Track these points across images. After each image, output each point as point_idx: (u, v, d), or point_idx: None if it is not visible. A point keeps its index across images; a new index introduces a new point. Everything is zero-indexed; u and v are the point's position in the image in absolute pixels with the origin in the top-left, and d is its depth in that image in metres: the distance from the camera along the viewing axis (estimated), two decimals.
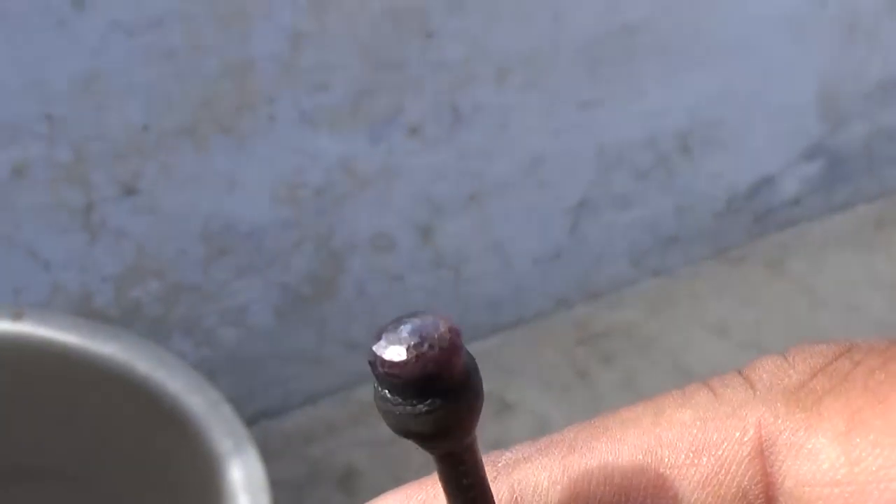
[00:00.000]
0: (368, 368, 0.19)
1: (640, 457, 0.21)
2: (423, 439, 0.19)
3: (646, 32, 0.76)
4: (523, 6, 0.71)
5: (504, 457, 0.22)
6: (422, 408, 0.19)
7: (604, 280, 0.85)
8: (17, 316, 0.56)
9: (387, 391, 0.19)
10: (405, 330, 0.19)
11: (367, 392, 0.77)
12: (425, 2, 0.69)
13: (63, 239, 0.67)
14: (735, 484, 0.21)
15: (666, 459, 0.21)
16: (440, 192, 0.75)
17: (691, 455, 0.21)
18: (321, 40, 0.67)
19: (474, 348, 0.79)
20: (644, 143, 0.80)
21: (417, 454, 0.21)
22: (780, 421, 0.21)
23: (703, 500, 0.21)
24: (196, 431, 0.53)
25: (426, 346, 0.18)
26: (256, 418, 0.76)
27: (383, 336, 0.19)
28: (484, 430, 0.22)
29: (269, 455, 0.61)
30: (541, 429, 0.75)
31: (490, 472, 0.22)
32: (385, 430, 0.21)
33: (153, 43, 0.64)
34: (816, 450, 0.20)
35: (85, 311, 0.69)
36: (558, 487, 0.21)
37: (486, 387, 0.20)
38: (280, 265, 0.73)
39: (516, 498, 0.21)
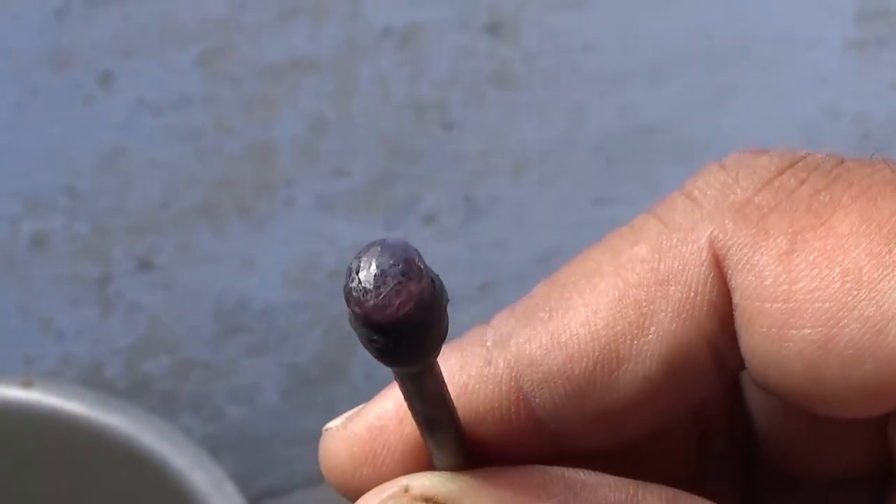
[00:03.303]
0: None
1: (616, 304, 0.22)
2: (381, 362, 0.20)
3: (662, 133, 0.77)
4: (542, 102, 0.73)
5: (489, 335, 0.22)
6: (376, 340, 0.19)
7: None
8: (26, 384, 0.57)
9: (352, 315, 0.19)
10: (366, 267, 0.19)
11: None
12: (446, 94, 0.70)
13: (77, 310, 0.68)
14: (706, 302, 0.21)
15: (638, 298, 0.22)
16: (452, 282, 0.76)
17: (660, 287, 0.22)
18: (343, 127, 0.68)
19: None
20: None
21: None
22: (728, 237, 0.21)
23: (681, 325, 0.22)
24: None
25: (382, 288, 0.19)
26: (260, 498, 0.76)
27: (353, 268, 0.19)
28: None
29: None
30: None
31: (479, 353, 0.22)
32: None
33: (177, 122, 0.65)
34: (761, 266, 0.21)
35: (95, 383, 0.69)
36: (551, 355, 0.22)
37: None
38: (291, 346, 0.74)
39: (515, 376, 0.22)
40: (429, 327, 0.19)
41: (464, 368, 0.22)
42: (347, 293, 0.19)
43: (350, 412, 0.23)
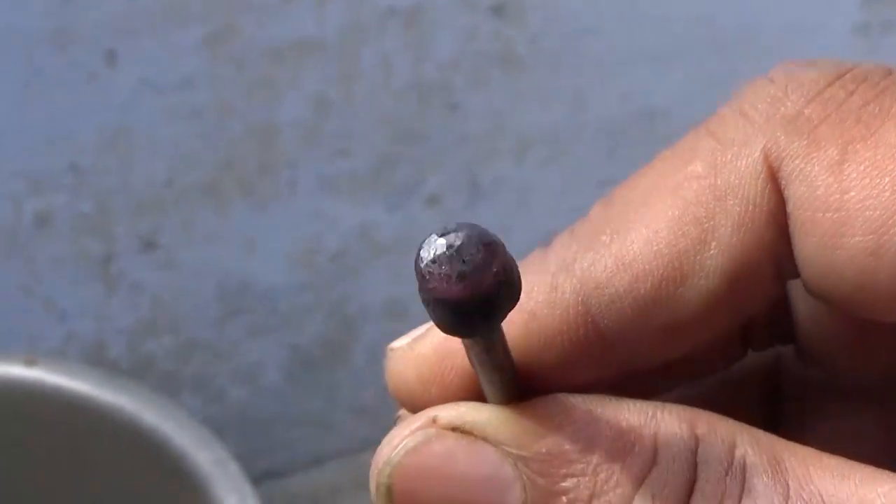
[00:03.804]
0: (376, 435, 0.19)
1: (677, 222, 0.22)
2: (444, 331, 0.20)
3: (665, 117, 0.77)
4: (546, 84, 0.73)
5: (551, 259, 0.23)
6: (421, 292, 0.19)
7: None
8: (29, 362, 0.57)
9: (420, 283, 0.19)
10: (442, 250, 0.19)
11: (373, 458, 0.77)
12: (450, 76, 0.70)
13: (80, 289, 0.68)
14: (764, 214, 0.22)
15: (697, 215, 0.22)
16: None
17: (718, 203, 0.22)
18: (346, 108, 0.68)
19: None
20: None
21: None
22: (781, 149, 0.22)
23: (741, 238, 0.22)
24: (201, 487, 0.53)
25: (435, 268, 0.19)
26: (262, 478, 0.76)
27: (438, 231, 0.19)
28: None
29: None
30: None
31: (545, 280, 0.23)
32: None
33: (181, 102, 0.65)
34: (812, 176, 0.21)
35: (98, 362, 0.69)
36: (617, 277, 0.22)
37: None
38: (293, 328, 0.74)
39: (582, 300, 0.22)
40: (472, 315, 0.19)
41: (530, 296, 0.22)
42: (420, 245, 0.19)
43: (415, 331, 0.24)
